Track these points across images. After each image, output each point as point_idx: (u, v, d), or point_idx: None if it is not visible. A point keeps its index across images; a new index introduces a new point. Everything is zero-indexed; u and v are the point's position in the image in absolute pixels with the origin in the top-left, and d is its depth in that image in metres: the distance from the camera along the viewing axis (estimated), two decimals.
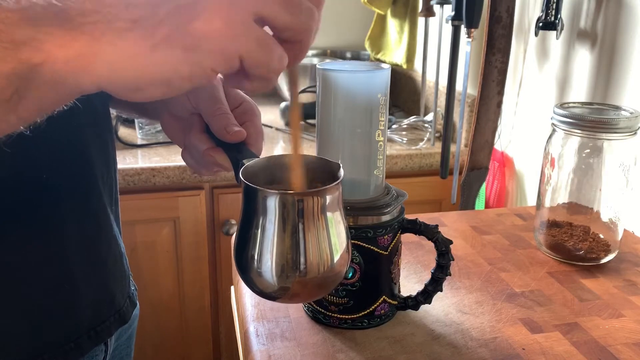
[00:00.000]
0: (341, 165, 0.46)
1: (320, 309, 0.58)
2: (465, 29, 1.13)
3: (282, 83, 1.67)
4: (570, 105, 0.74)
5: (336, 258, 0.45)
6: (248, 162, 0.47)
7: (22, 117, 0.34)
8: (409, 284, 0.67)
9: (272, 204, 0.42)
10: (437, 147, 1.38)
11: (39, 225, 0.53)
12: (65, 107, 0.39)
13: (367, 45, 1.70)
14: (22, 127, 0.35)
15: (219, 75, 0.49)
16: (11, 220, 0.51)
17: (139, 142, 1.39)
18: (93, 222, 0.59)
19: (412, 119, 1.50)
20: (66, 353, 0.56)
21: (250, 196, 0.44)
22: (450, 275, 0.57)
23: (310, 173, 0.49)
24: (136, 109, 0.68)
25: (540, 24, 1.00)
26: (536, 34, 1.02)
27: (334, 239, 0.44)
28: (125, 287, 0.65)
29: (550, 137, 0.73)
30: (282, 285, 0.44)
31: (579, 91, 1.01)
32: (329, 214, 0.44)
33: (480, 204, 1.27)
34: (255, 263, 0.44)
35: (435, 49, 1.40)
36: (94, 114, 0.59)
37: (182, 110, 0.55)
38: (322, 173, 0.48)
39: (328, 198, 0.43)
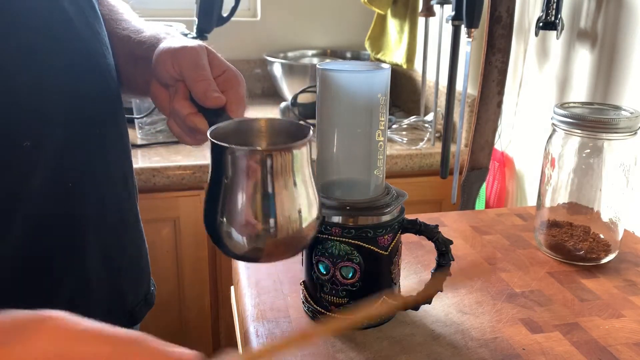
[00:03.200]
0: (312, 128, 0.47)
1: (320, 309, 0.58)
2: (466, 29, 1.13)
3: (283, 83, 1.68)
4: (571, 105, 0.74)
5: (305, 215, 0.45)
6: (219, 124, 0.48)
7: None
8: (409, 284, 0.67)
9: (240, 161, 0.43)
10: (437, 147, 1.38)
11: (64, 237, 0.54)
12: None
13: (367, 45, 1.70)
14: None
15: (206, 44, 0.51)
16: (35, 234, 0.52)
17: (139, 142, 1.39)
18: (119, 225, 0.60)
19: (412, 119, 1.50)
20: None
21: (218, 155, 0.44)
22: (450, 275, 0.57)
23: (281, 136, 0.49)
24: (130, 88, 0.68)
25: (541, 24, 1.00)
26: (536, 34, 1.02)
27: (301, 198, 0.45)
28: (141, 287, 0.65)
29: (550, 137, 0.73)
30: (252, 245, 0.44)
31: (579, 91, 1.01)
32: (297, 173, 0.44)
33: (480, 204, 1.27)
34: (225, 225, 0.44)
35: (435, 49, 1.40)
36: (112, 114, 0.60)
37: (167, 78, 0.57)
38: (293, 137, 0.48)
39: (296, 155, 0.44)
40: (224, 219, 0.44)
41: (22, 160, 0.49)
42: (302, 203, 0.45)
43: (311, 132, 0.46)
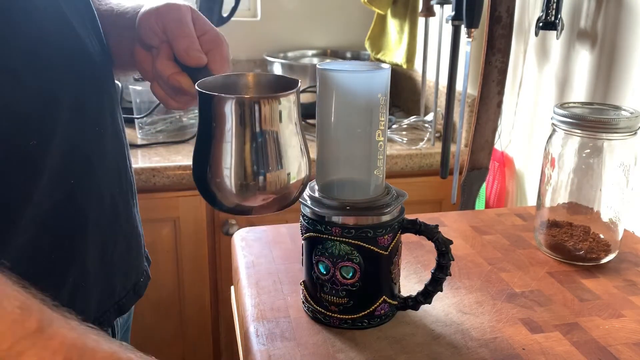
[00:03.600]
0: (300, 81, 0.47)
1: (320, 309, 0.58)
2: (466, 29, 1.13)
3: None
4: (571, 105, 0.74)
5: (294, 165, 0.45)
6: (206, 79, 0.48)
7: None
8: (409, 284, 0.67)
9: (227, 110, 0.42)
10: (437, 147, 1.38)
11: (67, 235, 0.55)
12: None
13: (367, 45, 1.70)
14: None
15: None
16: (40, 232, 0.52)
17: (139, 142, 1.39)
18: (113, 220, 0.61)
19: (412, 119, 1.50)
20: None
21: (206, 106, 0.44)
22: (450, 275, 0.57)
23: (269, 90, 0.50)
24: (116, 65, 0.68)
25: (541, 24, 1.00)
26: (536, 34, 1.02)
27: (291, 149, 0.45)
28: (130, 279, 0.66)
29: (550, 137, 0.73)
30: (243, 195, 0.44)
31: (579, 91, 1.01)
32: (285, 123, 0.45)
33: (480, 204, 1.27)
34: (214, 176, 0.44)
35: (435, 49, 1.40)
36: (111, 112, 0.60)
37: (151, 37, 0.57)
38: (281, 90, 0.48)
39: (284, 104, 0.44)
40: (213, 171, 0.44)
41: (29, 160, 0.49)
42: (292, 154, 0.45)
43: (300, 84, 0.46)
